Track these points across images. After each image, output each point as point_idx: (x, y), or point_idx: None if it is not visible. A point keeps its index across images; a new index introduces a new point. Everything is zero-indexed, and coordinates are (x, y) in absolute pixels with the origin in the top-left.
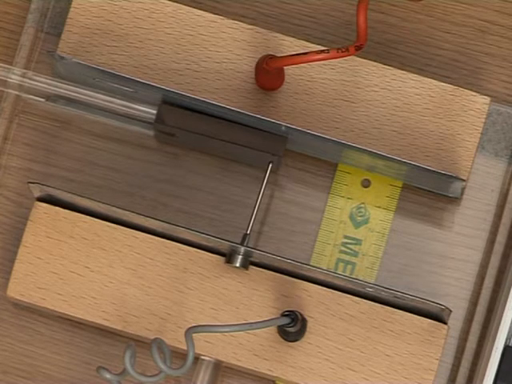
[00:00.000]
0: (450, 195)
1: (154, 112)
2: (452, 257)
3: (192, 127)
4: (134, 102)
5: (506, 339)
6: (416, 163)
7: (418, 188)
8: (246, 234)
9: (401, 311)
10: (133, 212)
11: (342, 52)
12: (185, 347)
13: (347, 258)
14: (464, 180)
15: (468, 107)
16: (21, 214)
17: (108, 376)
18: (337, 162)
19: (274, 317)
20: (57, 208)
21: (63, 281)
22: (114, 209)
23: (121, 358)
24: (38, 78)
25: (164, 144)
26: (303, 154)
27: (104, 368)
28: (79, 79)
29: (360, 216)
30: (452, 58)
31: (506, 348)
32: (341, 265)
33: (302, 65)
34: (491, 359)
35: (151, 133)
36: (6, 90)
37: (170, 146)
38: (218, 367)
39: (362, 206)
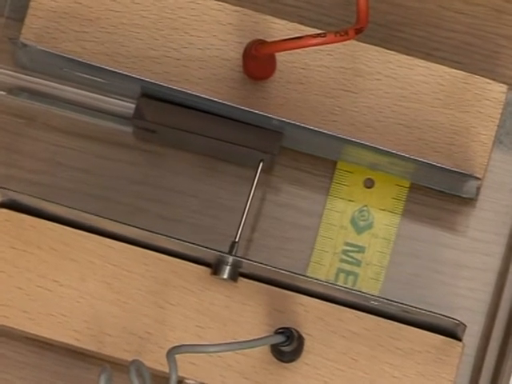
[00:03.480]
0: (464, 196)
1: (132, 106)
2: (466, 265)
3: (174, 122)
4: (108, 95)
5: None
6: (425, 160)
7: (428, 188)
8: (234, 242)
9: (409, 327)
10: (107, 218)
11: (341, 36)
12: (167, 370)
13: (349, 267)
14: (479, 178)
15: (483, 96)
16: None
17: None
18: (336, 160)
19: (266, 335)
20: (21, 215)
21: (29, 297)
22: (86, 215)
23: (95, 383)
24: None
25: (143, 141)
26: (298, 152)
27: None
28: (45, 69)
29: (363, 220)
30: (464, 40)
31: None
32: (341, 275)
33: (295, 51)
34: None
35: (128, 129)
36: None
37: (150, 143)
38: None
39: (365, 208)
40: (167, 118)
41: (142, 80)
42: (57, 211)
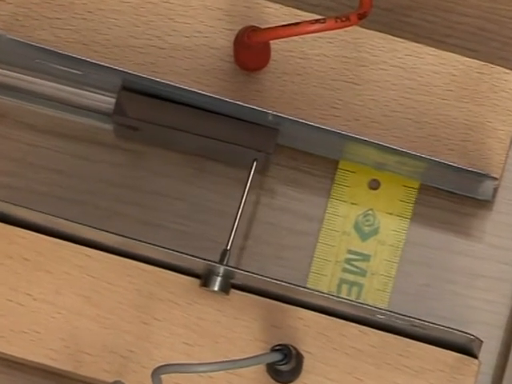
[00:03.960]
0: (480, 198)
1: (112, 101)
2: (482, 274)
3: (158, 118)
4: (85, 89)
5: None
6: (436, 159)
7: (439, 189)
8: (225, 250)
9: (420, 343)
10: (85, 225)
11: (342, 21)
12: None
13: (352, 277)
14: (496, 178)
15: (499, 88)
16: None
17: None
18: (338, 159)
19: (262, 352)
20: None
21: None
22: (62, 221)
23: None
24: None
25: (124, 140)
26: (295, 150)
27: None
28: (15, 61)
29: (368, 225)
30: (479, 26)
31: None
32: (345, 287)
33: (292, 38)
34: None
35: (108, 126)
36: None
37: (132, 142)
38: None
39: (370, 212)
40: (151, 113)
41: (123, 71)
42: (29, 217)
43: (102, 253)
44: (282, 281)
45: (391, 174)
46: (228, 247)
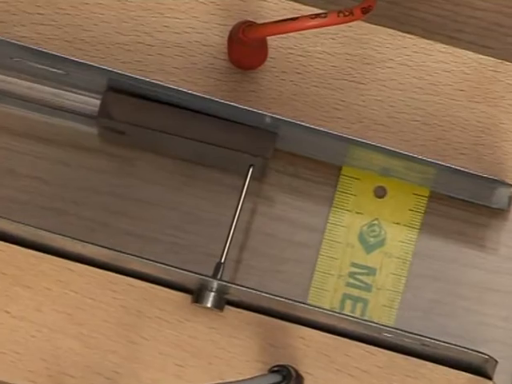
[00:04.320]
0: (494, 206)
1: (97, 102)
2: (497, 289)
3: (147, 121)
4: (68, 90)
5: None
6: (447, 164)
7: (451, 197)
8: (219, 263)
9: (430, 363)
10: (67, 236)
11: (345, 16)
12: None
13: (357, 292)
14: None
15: None
16: None
17: None
18: (341, 165)
19: (259, 374)
20: None
21: None
22: (42, 232)
23: None
24: None
25: (110, 144)
26: (295, 155)
27: None
28: None
29: (373, 236)
30: (493, 21)
31: None
32: (348, 302)
33: (291, 34)
34: None
35: (93, 130)
36: None
37: (118, 146)
38: None
39: (376, 222)
40: (139, 115)
41: (109, 70)
42: (6, 228)
43: (85, 267)
44: (280, 296)
45: (399, 181)
46: (222, 260)
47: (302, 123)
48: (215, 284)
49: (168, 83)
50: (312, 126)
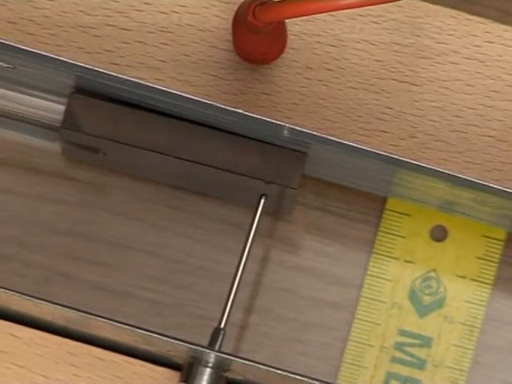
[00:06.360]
0: None
1: (61, 108)
2: None
3: (125, 135)
4: (21, 91)
5: None
6: None
7: None
8: (218, 329)
9: None
10: (12, 290)
11: None
12: None
13: (406, 371)
14: None
15: None
16: None
17: None
18: (385, 196)
19: None
20: None
21: None
22: None
23: None
24: None
25: (74, 165)
26: (323, 182)
27: None
28: None
29: (428, 294)
30: None
31: None
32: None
33: (318, 17)
34: None
35: (53, 146)
36: None
37: (86, 168)
38: None
39: (433, 275)
40: (114, 127)
41: (71, 64)
42: None
43: (36, 332)
44: (301, 375)
45: (464, 219)
46: (222, 325)
47: (334, 138)
48: (212, 357)
49: (152, 82)
50: (347, 142)
